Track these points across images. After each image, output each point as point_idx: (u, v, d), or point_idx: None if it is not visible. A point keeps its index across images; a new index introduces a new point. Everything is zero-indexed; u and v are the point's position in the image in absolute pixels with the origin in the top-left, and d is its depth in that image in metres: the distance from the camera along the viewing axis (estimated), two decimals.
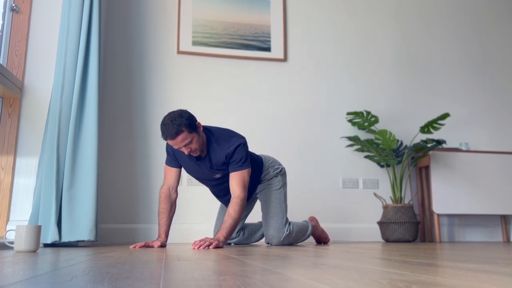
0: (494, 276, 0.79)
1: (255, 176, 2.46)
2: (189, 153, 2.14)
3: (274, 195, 2.46)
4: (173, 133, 2.05)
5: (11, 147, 2.46)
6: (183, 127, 2.05)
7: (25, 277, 0.78)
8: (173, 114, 2.08)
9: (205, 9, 3.49)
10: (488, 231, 3.65)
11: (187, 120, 2.07)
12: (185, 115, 2.09)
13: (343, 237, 3.38)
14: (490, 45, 4.08)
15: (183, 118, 2.06)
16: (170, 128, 2.05)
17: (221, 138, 2.22)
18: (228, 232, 2.10)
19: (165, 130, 2.06)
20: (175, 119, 2.05)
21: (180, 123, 2.05)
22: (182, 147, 2.11)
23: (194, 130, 2.10)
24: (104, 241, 2.97)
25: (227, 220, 2.11)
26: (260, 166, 2.48)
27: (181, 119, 2.05)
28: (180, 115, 2.07)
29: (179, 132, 2.05)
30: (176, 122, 2.04)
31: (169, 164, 2.31)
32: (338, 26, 3.76)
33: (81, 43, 2.50)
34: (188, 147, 2.11)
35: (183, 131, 2.05)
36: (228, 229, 2.10)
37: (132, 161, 3.12)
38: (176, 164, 2.31)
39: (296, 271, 0.88)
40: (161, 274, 0.83)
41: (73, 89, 2.45)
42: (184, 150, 2.12)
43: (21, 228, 1.69)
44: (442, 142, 3.24)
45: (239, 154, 2.19)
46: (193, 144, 2.12)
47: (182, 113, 2.09)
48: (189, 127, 2.07)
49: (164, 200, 2.28)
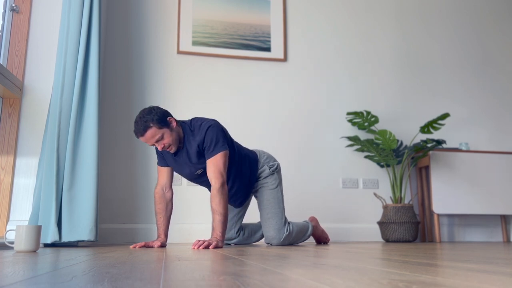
0: (494, 276, 0.79)
1: (251, 173, 2.42)
2: (163, 149, 2.14)
3: (271, 194, 2.43)
4: (141, 130, 2.06)
5: (11, 147, 2.46)
6: (151, 122, 2.06)
7: (25, 277, 0.78)
8: (143, 111, 2.10)
9: (205, 9, 3.49)
10: (488, 231, 3.65)
11: (156, 116, 2.07)
12: (155, 111, 2.09)
13: (343, 237, 3.38)
14: (490, 45, 4.08)
15: (152, 114, 2.07)
16: (139, 125, 2.07)
17: (194, 127, 2.19)
18: (222, 228, 2.06)
19: (135, 127, 2.08)
20: (144, 116, 2.07)
21: (148, 119, 2.06)
22: (155, 144, 2.11)
23: (164, 125, 2.09)
24: (104, 241, 2.97)
25: (214, 216, 2.08)
26: (255, 162, 2.44)
27: (150, 115, 2.07)
28: (149, 112, 2.08)
29: (147, 128, 2.06)
30: (144, 118, 2.06)
31: (160, 164, 2.31)
32: (338, 26, 3.76)
33: (81, 43, 2.50)
34: (161, 143, 2.11)
35: (151, 127, 2.06)
36: (220, 225, 2.06)
37: (132, 161, 3.12)
38: (166, 163, 2.31)
39: (296, 271, 0.88)
40: (161, 274, 0.83)
41: (73, 89, 2.45)
42: (157, 146, 2.12)
43: (21, 228, 1.69)
44: (442, 142, 3.24)
45: (210, 136, 2.14)
46: (165, 139, 2.11)
47: (151, 109, 2.10)
48: (158, 122, 2.07)
49: (159, 200, 2.28)
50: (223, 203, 2.09)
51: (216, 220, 2.08)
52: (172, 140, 2.13)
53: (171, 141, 2.13)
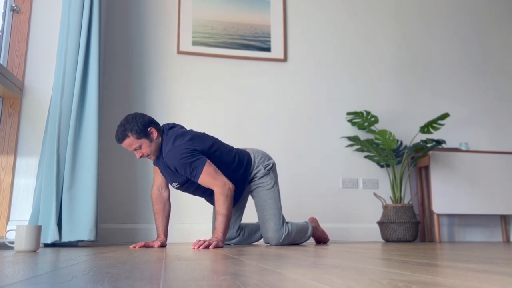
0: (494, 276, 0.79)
1: (245, 174, 2.38)
2: (141, 157, 2.14)
3: (268, 195, 2.40)
4: (120, 138, 2.07)
5: (11, 147, 2.46)
6: (129, 132, 2.05)
7: (25, 277, 0.78)
8: (126, 118, 2.09)
9: (205, 9, 3.49)
10: (488, 231, 3.65)
11: (136, 125, 2.06)
12: (136, 120, 2.07)
13: (343, 237, 3.38)
14: (490, 45, 4.08)
15: (133, 123, 2.06)
16: (118, 132, 2.07)
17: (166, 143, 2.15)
18: (224, 229, 2.08)
19: (115, 133, 2.08)
20: (124, 124, 2.06)
21: (127, 128, 2.05)
22: (134, 151, 2.11)
23: (143, 136, 2.08)
24: (104, 241, 2.97)
25: (218, 217, 2.10)
26: (248, 163, 2.39)
27: (130, 125, 2.05)
28: (131, 120, 2.07)
29: (124, 137, 2.07)
30: (123, 127, 2.06)
31: (155, 163, 2.30)
32: (338, 26, 3.76)
33: (81, 43, 2.50)
34: (139, 152, 2.11)
35: (129, 136, 2.06)
36: (222, 226, 2.08)
37: (132, 161, 3.13)
38: None
39: (295, 271, 0.88)
40: (161, 274, 0.83)
41: (73, 89, 2.45)
42: (136, 154, 2.13)
43: (21, 228, 1.69)
44: (442, 142, 3.24)
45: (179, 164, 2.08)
46: (143, 149, 2.11)
47: (134, 118, 2.08)
48: (137, 132, 2.06)
49: (156, 200, 2.28)
50: (227, 204, 2.10)
51: (219, 221, 2.09)
52: (150, 151, 2.13)
53: (150, 151, 2.13)
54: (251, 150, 2.47)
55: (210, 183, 2.12)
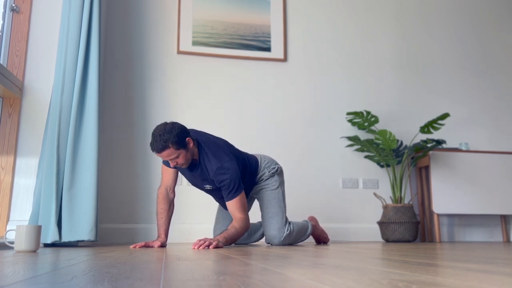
0: (494, 276, 0.79)
1: (251, 178, 2.45)
2: (175, 166, 2.14)
3: (272, 195, 2.45)
4: (159, 149, 2.05)
5: (11, 147, 2.46)
6: (170, 143, 2.04)
7: (25, 277, 0.78)
8: (164, 127, 2.06)
9: (205, 9, 3.49)
10: (488, 231, 3.65)
11: (176, 137, 2.04)
12: (175, 130, 2.06)
13: (343, 237, 3.38)
14: (490, 45, 4.08)
15: (172, 134, 2.04)
16: (157, 143, 2.04)
17: (210, 156, 2.19)
18: (229, 238, 2.11)
19: (152, 143, 2.06)
20: (163, 134, 2.04)
21: (167, 139, 2.03)
22: (169, 160, 2.12)
23: (182, 146, 2.08)
24: (104, 241, 2.97)
25: (231, 229, 2.13)
26: (255, 168, 2.46)
27: (170, 135, 2.03)
28: (170, 130, 2.05)
29: (165, 148, 2.04)
30: (164, 137, 2.03)
31: (166, 164, 2.30)
32: (338, 26, 3.76)
33: (81, 43, 2.50)
34: (174, 161, 2.11)
35: (170, 147, 2.05)
36: (230, 236, 2.12)
37: (132, 161, 3.12)
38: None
39: (296, 271, 0.88)
40: (161, 274, 0.83)
41: (73, 89, 2.45)
42: (170, 163, 2.13)
43: (21, 228, 1.69)
44: (442, 142, 3.24)
45: (229, 183, 2.16)
46: (180, 159, 2.11)
47: (173, 128, 2.06)
48: (177, 144, 2.05)
49: (162, 200, 2.28)
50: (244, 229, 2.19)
51: (230, 231, 2.13)
52: (185, 160, 2.14)
53: (185, 160, 2.14)
54: (259, 156, 2.54)
55: (238, 210, 2.19)
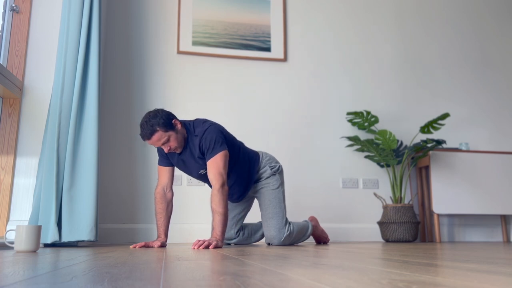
0: (494, 276, 0.79)
1: (251, 172, 2.44)
2: (169, 151, 2.17)
3: (272, 194, 2.45)
4: (148, 134, 2.10)
5: (11, 147, 2.46)
6: (157, 126, 2.09)
7: (25, 277, 0.78)
8: (149, 114, 2.12)
9: (205, 9, 3.49)
10: (488, 231, 3.65)
11: (162, 119, 2.10)
12: (160, 114, 2.11)
13: (343, 237, 3.38)
14: (490, 45, 4.08)
15: (157, 117, 2.10)
16: (145, 129, 2.10)
17: (196, 128, 2.23)
18: (222, 228, 2.08)
19: (141, 131, 2.11)
20: (149, 120, 2.09)
21: (154, 123, 2.09)
22: (161, 146, 2.14)
23: (170, 128, 2.13)
24: (104, 241, 2.97)
25: (214, 216, 2.11)
26: (256, 161, 2.46)
27: (156, 119, 2.09)
28: (155, 115, 2.11)
29: (153, 132, 2.09)
30: (150, 122, 2.09)
31: (161, 163, 2.32)
32: (338, 26, 3.76)
33: (81, 43, 2.50)
34: (167, 146, 2.15)
35: (158, 130, 2.10)
36: (220, 225, 2.08)
37: (132, 161, 3.13)
38: (168, 163, 2.32)
39: (296, 271, 0.88)
40: (161, 274, 0.83)
41: (73, 89, 2.45)
42: (164, 148, 2.15)
43: (21, 228, 1.69)
44: (442, 142, 3.24)
45: (208, 138, 2.17)
46: (171, 142, 2.14)
47: (157, 113, 2.12)
48: (164, 126, 2.10)
49: (159, 200, 2.29)
50: (223, 203, 2.11)
51: (216, 220, 2.09)
52: (178, 142, 2.17)
53: (177, 143, 2.17)
54: (260, 152, 2.54)
55: (215, 173, 2.14)
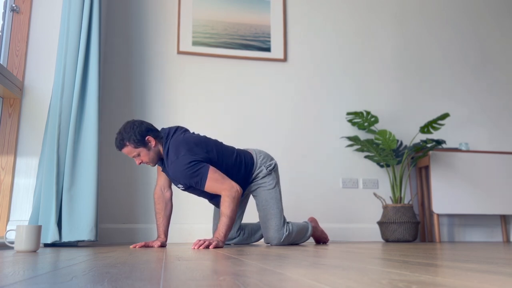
0: (494, 276, 0.79)
1: (246, 175, 2.39)
2: (140, 163, 2.18)
3: (269, 195, 2.41)
4: (118, 146, 2.11)
5: (11, 147, 2.46)
6: (127, 141, 2.09)
7: (25, 277, 0.78)
8: (125, 126, 2.10)
9: (205, 9, 3.49)
10: (488, 231, 3.65)
11: (134, 135, 2.08)
12: (134, 129, 2.09)
13: (343, 237, 3.38)
14: (490, 44, 4.08)
15: (130, 132, 2.08)
16: (116, 141, 2.11)
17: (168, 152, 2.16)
18: (226, 230, 2.09)
19: (115, 141, 2.11)
20: (122, 133, 2.09)
21: (124, 138, 2.08)
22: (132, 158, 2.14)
23: (141, 145, 2.11)
24: (104, 241, 2.97)
25: (222, 218, 2.11)
26: (250, 164, 2.40)
27: (129, 134, 2.08)
28: (129, 129, 2.09)
29: (123, 146, 2.11)
30: (122, 135, 2.08)
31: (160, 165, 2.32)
32: (338, 26, 3.76)
33: (81, 43, 2.50)
34: (137, 159, 2.15)
35: (127, 145, 2.10)
36: (225, 227, 2.09)
37: (132, 161, 3.12)
38: None
39: (296, 271, 0.88)
40: (161, 274, 0.83)
41: (73, 89, 2.45)
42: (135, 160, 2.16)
43: (21, 228, 1.69)
44: (442, 142, 3.24)
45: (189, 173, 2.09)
46: (142, 157, 2.14)
47: (133, 126, 2.10)
48: (135, 142, 2.09)
49: (157, 200, 2.30)
50: (232, 207, 2.10)
51: (222, 222, 2.10)
52: (149, 159, 2.16)
53: (148, 159, 2.16)
54: (254, 151, 2.48)
55: (217, 189, 2.13)
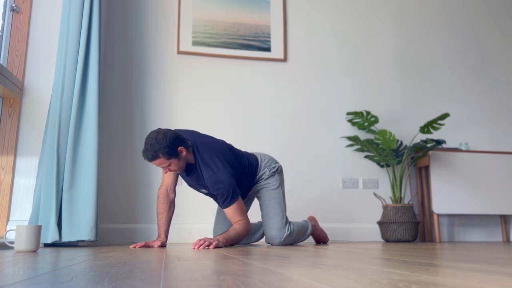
0: (494, 276, 0.79)
1: (251, 177, 2.44)
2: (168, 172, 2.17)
3: (272, 194, 2.44)
4: (149, 157, 2.05)
5: (11, 147, 2.46)
6: (160, 153, 2.03)
7: (25, 277, 0.78)
8: (155, 137, 2.03)
9: (205, 9, 3.49)
10: (488, 231, 3.65)
11: (167, 148, 2.02)
12: (166, 141, 2.02)
13: (343, 237, 3.38)
14: (490, 44, 4.08)
15: (162, 144, 2.02)
16: (147, 152, 2.03)
17: (206, 162, 2.18)
18: (230, 239, 2.11)
19: (144, 152, 2.05)
20: (154, 144, 2.02)
21: (158, 150, 2.02)
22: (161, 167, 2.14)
23: (173, 155, 2.07)
24: (104, 241, 2.97)
25: (232, 231, 2.13)
26: (255, 167, 2.45)
27: (160, 145, 2.01)
28: (162, 139, 2.02)
29: (155, 158, 2.05)
30: (154, 147, 2.01)
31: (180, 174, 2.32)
32: (338, 26, 3.76)
33: (81, 43, 2.50)
34: (166, 169, 2.12)
35: (160, 157, 2.05)
36: (231, 237, 2.11)
37: (132, 161, 3.12)
38: None
39: (296, 271, 0.88)
40: (161, 274, 0.83)
41: (73, 89, 2.45)
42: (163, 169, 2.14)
43: (21, 228, 1.69)
44: (442, 142, 3.24)
45: (223, 192, 2.15)
46: (172, 166, 2.11)
47: (164, 137, 2.03)
48: (168, 154, 2.04)
49: (162, 200, 2.29)
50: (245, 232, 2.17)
51: (231, 233, 2.12)
52: (179, 168, 2.14)
53: (178, 168, 2.14)
54: (259, 154, 2.53)
55: (233, 218, 2.18)
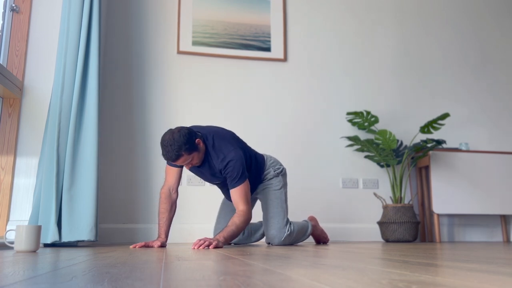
0: (494, 276, 0.79)
1: (257, 175, 2.46)
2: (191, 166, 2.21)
3: (274, 195, 2.46)
4: (173, 158, 2.09)
5: (11, 147, 2.46)
6: (183, 151, 2.07)
7: (25, 277, 0.78)
8: (172, 136, 2.06)
9: (205, 9, 3.49)
10: (488, 231, 3.65)
11: (187, 144, 2.07)
12: (184, 137, 2.07)
13: (343, 237, 3.38)
14: (490, 45, 4.08)
15: (182, 142, 2.06)
16: (170, 153, 2.07)
17: (217, 149, 2.23)
18: (229, 236, 2.11)
19: (165, 154, 2.08)
20: (174, 144, 2.05)
21: (179, 148, 2.06)
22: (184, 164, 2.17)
23: (194, 149, 2.13)
24: (104, 241, 2.97)
25: (231, 226, 2.14)
26: (261, 165, 2.49)
27: (180, 143, 2.05)
28: (181, 137, 2.06)
29: (179, 157, 2.09)
30: (175, 147, 2.05)
31: (171, 164, 2.31)
32: (338, 26, 3.76)
33: (81, 43, 2.50)
34: (189, 164, 2.17)
35: (183, 155, 2.09)
36: (230, 233, 2.12)
37: (132, 161, 3.12)
38: (177, 165, 2.31)
39: (296, 271, 0.88)
40: (161, 274, 0.83)
41: (73, 89, 2.45)
42: (185, 166, 2.19)
43: (21, 228, 1.69)
44: (442, 142, 3.24)
45: (232, 170, 2.19)
46: (194, 160, 2.17)
47: (180, 135, 2.07)
48: (189, 149, 2.09)
49: (164, 200, 2.29)
50: (245, 223, 2.18)
51: (229, 228, 2.13)
52: (199, 159, 2.20)
53: (199, 160, 2.19)
54: (265, 155, 2.57)
55: (241, 200, 2.20)
